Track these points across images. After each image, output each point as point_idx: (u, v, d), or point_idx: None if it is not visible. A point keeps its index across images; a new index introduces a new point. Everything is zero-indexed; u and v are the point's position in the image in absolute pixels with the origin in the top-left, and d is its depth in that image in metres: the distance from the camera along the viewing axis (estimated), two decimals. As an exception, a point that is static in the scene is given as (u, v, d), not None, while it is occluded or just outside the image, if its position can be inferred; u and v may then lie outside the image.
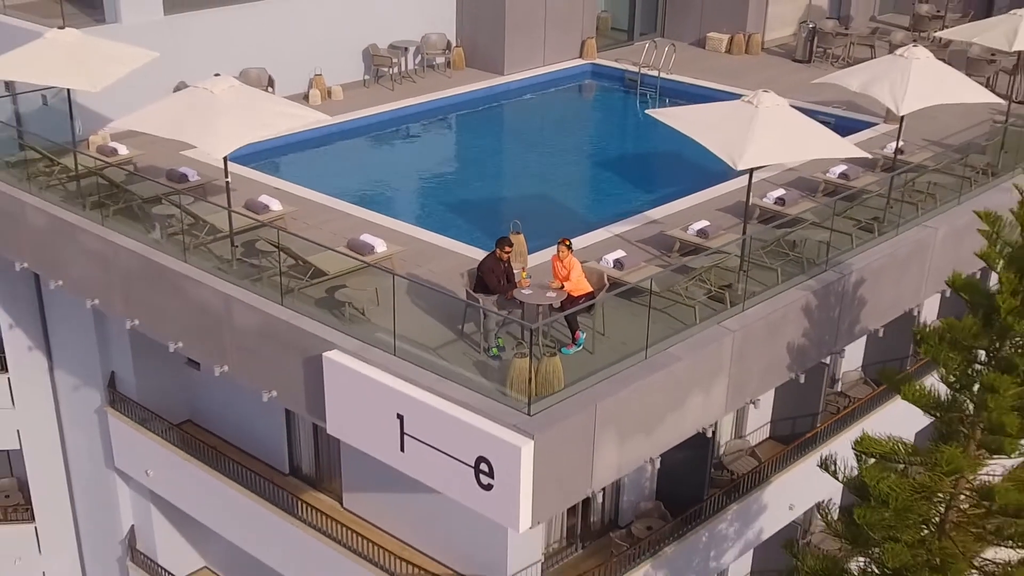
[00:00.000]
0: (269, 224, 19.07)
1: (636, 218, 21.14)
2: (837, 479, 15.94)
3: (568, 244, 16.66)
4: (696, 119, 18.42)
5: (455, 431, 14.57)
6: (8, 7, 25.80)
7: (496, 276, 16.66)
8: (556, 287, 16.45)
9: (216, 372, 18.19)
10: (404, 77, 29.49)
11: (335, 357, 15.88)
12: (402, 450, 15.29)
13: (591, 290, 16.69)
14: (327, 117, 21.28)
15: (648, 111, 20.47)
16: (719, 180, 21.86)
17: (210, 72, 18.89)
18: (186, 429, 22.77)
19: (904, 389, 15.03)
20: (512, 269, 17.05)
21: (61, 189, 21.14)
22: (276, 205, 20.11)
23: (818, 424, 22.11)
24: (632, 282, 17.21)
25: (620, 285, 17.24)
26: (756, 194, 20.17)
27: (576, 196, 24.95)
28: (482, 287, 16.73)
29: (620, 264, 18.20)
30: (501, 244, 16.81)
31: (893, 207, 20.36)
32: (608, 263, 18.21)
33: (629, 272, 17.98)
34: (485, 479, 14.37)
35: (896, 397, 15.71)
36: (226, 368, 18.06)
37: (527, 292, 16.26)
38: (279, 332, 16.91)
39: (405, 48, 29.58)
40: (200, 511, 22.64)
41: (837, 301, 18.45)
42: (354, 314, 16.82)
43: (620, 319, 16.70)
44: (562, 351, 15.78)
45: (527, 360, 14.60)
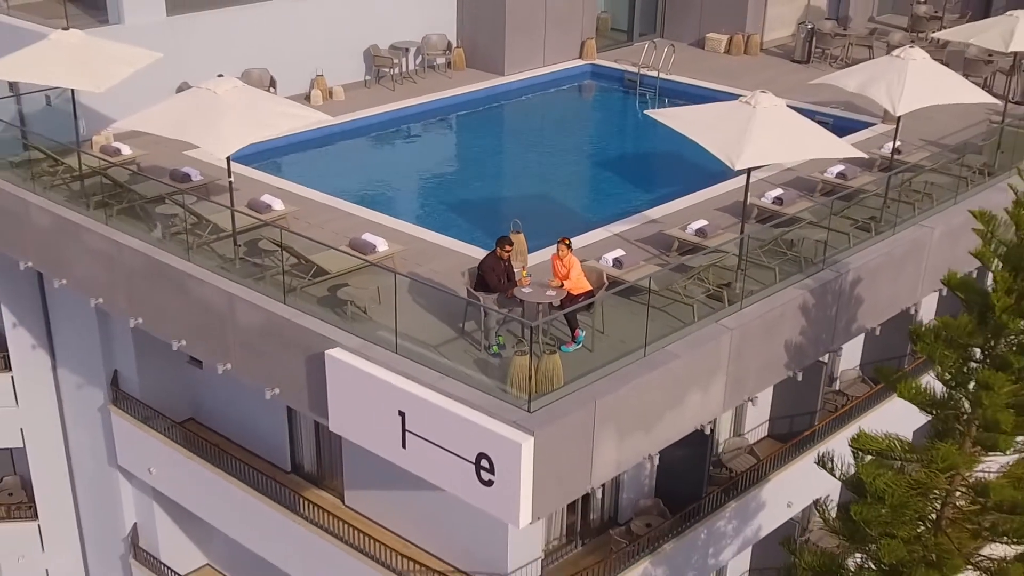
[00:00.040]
0: (272, 223, 19.07)
1: (635, 217, 21.14)
2: (834, 476, 15.96)
3: (568, 243, 16.66)
4: (694, 119, 18.41)
5: (456, 428, 14.60)
6: (12, 7, 25.79)
7: (497, 275, 16.67)
8: (556, 286, 16.43)
9: (219, 370, 18.18)
10: (405, 77, 29.45)
11: (337, 355, 15.90)
12: (404, 447, 15.30)
13: (590, 289, 16.67)
14: (329, 117, 21.19)
15: (647, 111, 20.44)
16: (717, 180, 21.83)
17: (212, 72, 18.88)
18: (188, 427, 22.70)
19: (900, 387, 15.10)
20: (512, 268, 17.03)
21: (65, 189, 21.11)
22: (278, 205, 20.10)
23: (816, 422, 22.06)
24: (631, 281, 17.20)
25: (619, 284, 17.23)
26: (754, 194, 20.18)
27: (576, 196, 24.91)
28: (483, 286, 16.73)
29: (619, 263, 18.18)
30: (501, 243, 16.82)
31: (890, 207, 20.36)
32: (607, 262, 18.20)
33: (628, 271, 17.96)
34: (486, 475, 14.39)
35: (894, 395, 15.72)
36: (229, 366, 18.06)
37: (527, 291, 16.24)
38: (282, 330, 16.93)
39: (406, 49, 29.53)
40: (203, 508, 22.60)
41: (834, 300, 18.46)
42: (356, 312, 16.82)
43: (619, 317, 16.69)
44: (562, 349, 15.78)
45: (527, 358, 14.61)
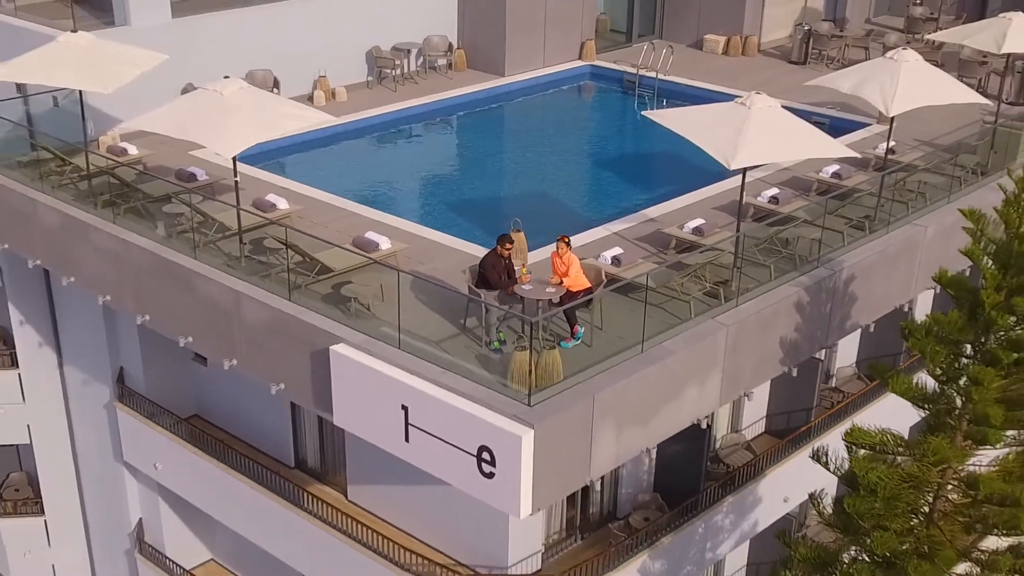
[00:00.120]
0: (277, 222, 19.20)
1: (633, 216, 21.28)
2: (828, 470, 16.05)
3: (567, 241, 16.85)
4: (691, 120, 18.52)
5: (458, 421, 14.79)
6: (19, 8, 25.93)
7: (497, 272, 16.84)
8: (555, 283, 16.61)
9: (225, 366, 18.35)
10: (406, 78, 29.55)
11: (342, 350, 16.08)
12: (407, 440, 15.49)
13: (589, 286, 16.85)
14: (332, 118, 21.34)
15: (644, 112, 20.58)
16: (714, 179, 21.95)
17: (216, 74, 19.13)
18: (193, 423, 22.78)
19: (892, 382, 15.23)
20: (513, 265, 17.19)
21: (72, 188, 21.28)
22: (283, 204, 20.26)
23: (812, 419, 22.08)
24: (629, 278, 17.36)
25: (617, 281, 17.37)
26: (751, 193, 20.36)
27: (575, 195, 25.00)
28: (484, 283, 16.91)
29: (618, 261, 18.33)
30: (502, 241, 16.98)
31: (884, 206, 20.51)
32: (606, 260, 18.34)
33: (626, 268, 18.09)
34: (487, 467, 14.59)
35: (889, 392, 15.97)
36: (235, 362, 18.24)
37: (527, 287, 16.38)
38: (287, 327, 17.10)
39: (407, 50, 29.63)
40: (207, 503, 22.65)
41: (828, 297, 18.64)
42: (360, 309, 16.99)
43: (617, 314, 16.86)
44: (561, 344, 15.98)
45: (527, 353, 14.80)
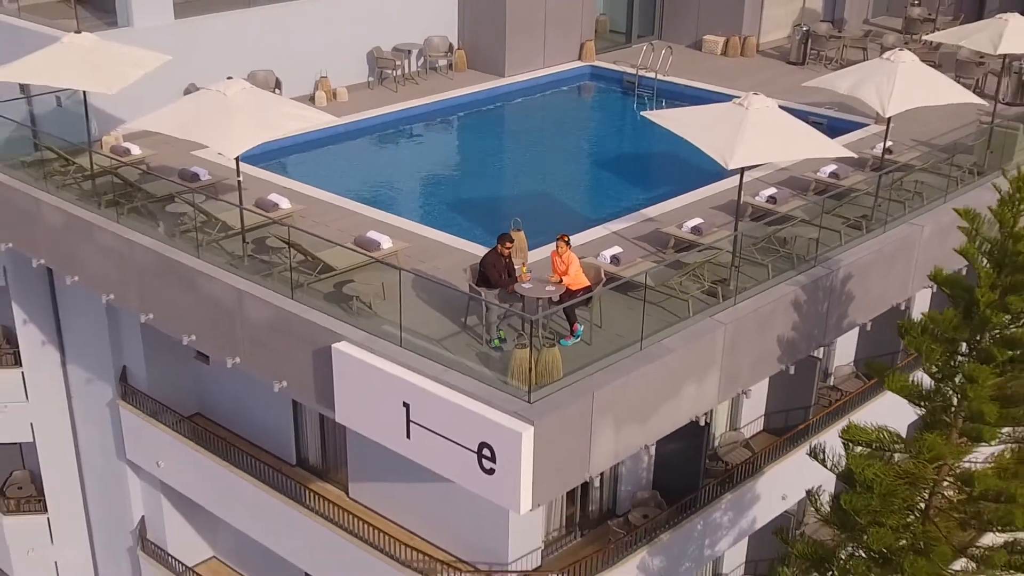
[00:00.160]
0: (279, 221, 19.30)
1: (632, 216, 21.39)
2: (825, 467, 16.20)
3: (567, 240, 16.98)
4: (689, 120, 18.60)
5: (459, 418, 14.93)
6: (21, 9, 26.04)
7: (498, 271, 16.98)
8: (555, 281, 16.74)
9: (228, 364, 18.47)
10: (407, 79, 29.64)
11: (344, 348, 16.21)
12: (408, 437, 15.62)
13: (588, 284, 16.97)
14: (334, 118, 21.43)
15: (643, 113, 20.70)
16: (713, 179, 22.04)
17: (218, 74, 19.21)
18: (196, 421, 22.85)
19: (888, 380, 15.41)
20: (513, 264, 17.31)
21: (76, 188, 21.39)
22: (285, 203, 20.37)
23: (810, 417, 22.15)
24: (628, 276, 17.47)
25: (616, 279, 17.48)
26: (749, 192, 20.50)
27: (575, 195, 25.08)
28: (484, 281, 17.05)
29: (617, 260, 18.43)
30: (502, 240, 17.11)
31: (881, 205, 20.62)
32: (605, 259, 18.45)
33: (625, 267, 18.20)
34: (487, 464, 14.72)
35: (887, 390, 16.11)
36: (238, 360, 18.37)
37: (527, 286, 16.48)
38: (290, 325, 17.22)
39: (408, 51, 29.73)
40: (210, 501, 22.74)
41: (825, 296, 18.77)
42: (361, 307, 17.12)
43: (616, 312, 16.98)
44: (561, 342, 16.11)
45: (527, 351, 14.94)
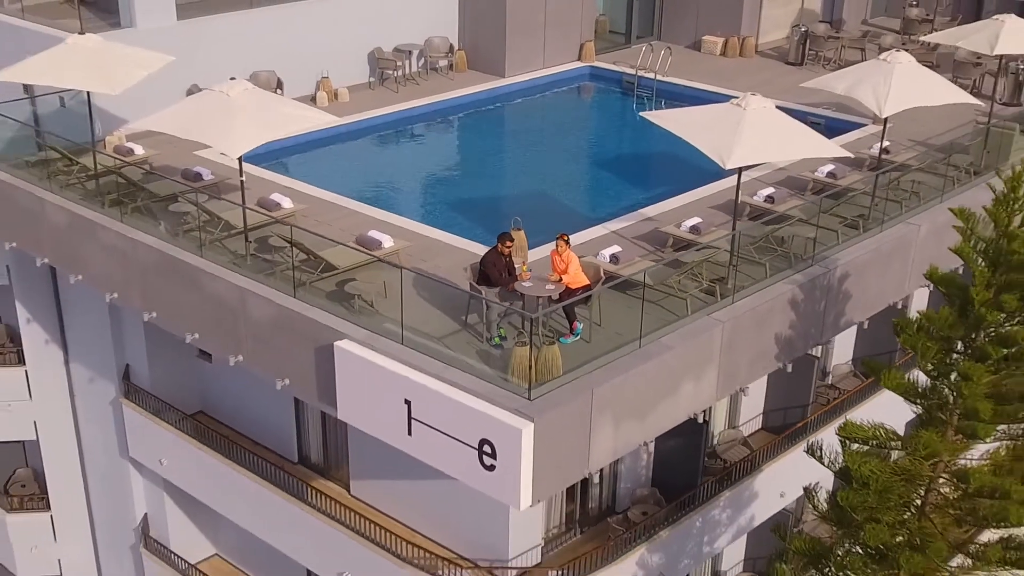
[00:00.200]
0: (281, 221, 19.42)
1: (632, 215, 21.50)
2: (823, 464, 16.33)
3: (566, 239, 17.12)
4: (688, 121, 18.71)
5: (460, 415, 15.06)
6: (26, 8, 26.14)
7: (498, 269, 17.13)
8: (555, 280, 16.89)
9: (231, 362, 18.60)
10: (408, 79, 29.75)
11: (346, 346, 16.34)
12: (409, 434, 15.75)
13: (588, 283, 17.10)
14: (335, 118, 21.52)
15: (642, 113, 20.78)
16: (712, 179, 22.13)
17: (220, 75, 19.32)
18: (199, 420, 22.95)
19: (884, 377, 15.52)
20: (513, 263, 17.46)
21: (80, 187, 21.51)
22: (287, 203, 20.48)
23: (808, 415, 22.25)
24: (627, 275, 17.60)
25: (615, 278, 17.61)
26: (747, 192, 20.64)
27: (574, 194, 25.20)
28: (484, 280, 17.19)
29: (616, 259, 18.55)
30: (502, 239, 17.27)
31: (878, 205, 20.76)
32: (604, 258, 18.58)
33: (624, 266, 18.32)
34: (488, 460, 14.86)
35: (884, 389, 16.26)
36: (241, 358, 18.49)
37: (527, 284, 16.63)
38: (292, 323, 17.35)
39: (409, 51, 29.84)
40: (213, 498, 22.84)
41: (823, 294, 18.89)
42: (363, 306, 17.26)
43: (615, 310, 17.14)
44: (560, 340, 16.25)
45: (527, 348, 15.09)
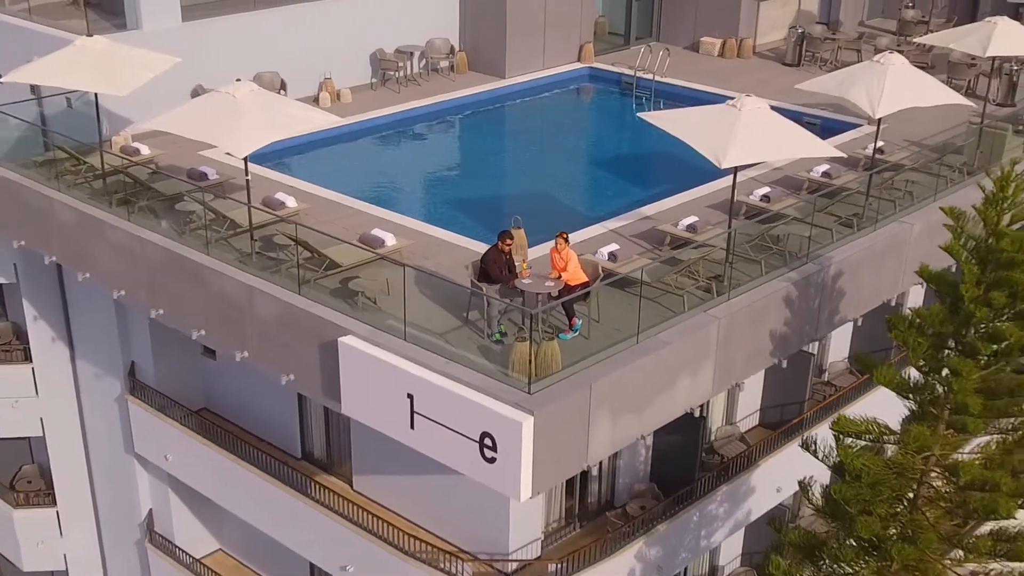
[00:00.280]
0: (286, 219, 19.60)
1: (630, 214, 21.71)
2: (817, 458, 16.53)
3: (565, 237, 17.40)
4: (684, 121, 18.95)
5: (461, 409, 15.32)
6: (32, 9, 26.41)
7: (498, 267, 17.39)
8: (554, 277, 17.15)
9: (237, 358, 18.85)
10: (410, 80, 29.98)
11: (350, 342, 16.60)
12: (412, 427, 16.02)
13: (587, 280, 17.37)
14: (339, 119, 21.69)
15: (640, 114, 21.05)
16: (709, 179, 22.25)
17: (225, 76, 19.53)
18: (203, 416, 23.16)
19: (876, 372, 15.76)
20: (513, 260, 17.72)
21: (87, 187, 21.78)
22: (291, 202, 20.71)
23: (805, 411, 22.47)
24: (625, 273, 17.86)
25: (614, 275, 17.86)
26: (743, 191, 20.85)
27: (573, 193, 25.37)
28: (485, 277, 17.45)
29: (614, 256, 18.80)
30: (502, 237, 17.53)
31: (872, 204, 21.02)
32: (603, 255, 18.82)
33: (622, 264, 18.57)
34: (489, 453, 15.12)
35: (880, 386, 16.54)
36: (246, 354, 18.74)
37: (527, 282, 16.90)
38: (297, 320, 17.61)
39: (411, 53, 30.03)
40: (217, 493, 23.06)
41: (817, 292, 19.16)
42: (367, 302, 17.52)
43: (614, 307, 17.42)
44: (560, 336, 16.51)
45: (527, 344, 15.34)
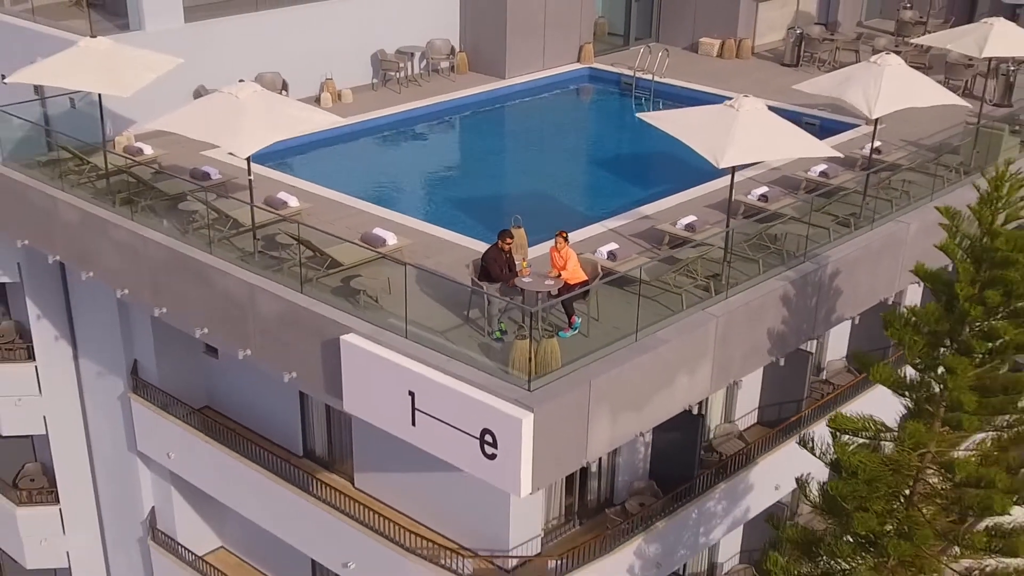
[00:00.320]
0: (288, 219, 19.77)
1: (629, 213, 21.83)
2: (814, 454, 16.68)
3: (565, 236, 17.55)
4: (683, 122, 19.09)
5: (462, 406, 15.48)
6: (35, 9, 26.52)
7: (499, 265, 17.54)
8: (554, 276, 17.30)
9: (240, 356, 18.99)
10: (410, 81, 30.10)
11: (351, 340, 16.74)
12: (413, 424, 16.17)
13: (586, 279, 17.52)
14: (340, 119, 21.73)
15: (639, 114, 21.20)
16: (707, 178, 22.36)
17: (227, 76, 19.67)
18: (206, 414, 23.29)
19: (872, 370, 15.92)
20: (513, 259, 17.87)
21: (91, 186, 21.92)
22: (294, 201, 20.83)
23: (803, 410, 22.55)
24: (624, 271, 18.01)
25: (613, 274, 18.00)
26: (741, 191, 21.05)
27: (573, 193, 25.49)
28: (486, 276, 17.61)
29: (613, 255, 18.94)
30: (503, 236, 17.69)
31: (869, 203, 21.16)
32: (602, 254, 18.96)
33: (621, 263, 18.70)
34: (489, 449, 15.28)
35: (877, 384, 16.70)
36: (249, 352, 18.88)
37: (527, 280, 17.04)
38: (299, 318, 17.76)
39: (411, 53, 30.14)
40: (219, 491, 23.18)
41: (814, 291, 19.31)
42: (368, 301, 17.67)
43: (613, 305, 17.56)
44: (559, 334, 16.67)
45: (527, 342, 15.49)
